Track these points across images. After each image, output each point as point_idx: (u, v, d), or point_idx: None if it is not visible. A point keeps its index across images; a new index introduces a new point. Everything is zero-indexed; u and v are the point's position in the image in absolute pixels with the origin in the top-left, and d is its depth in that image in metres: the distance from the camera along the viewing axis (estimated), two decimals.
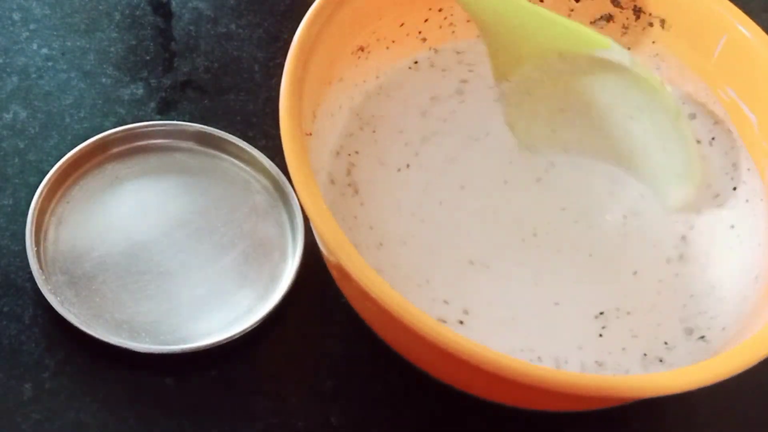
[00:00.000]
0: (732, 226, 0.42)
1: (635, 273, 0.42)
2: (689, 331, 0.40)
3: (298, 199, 0.35)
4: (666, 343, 0.40)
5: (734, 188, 0.43)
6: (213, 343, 0.39)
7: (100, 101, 0.47)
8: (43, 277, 0.40)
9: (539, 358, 0.39)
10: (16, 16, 0.49)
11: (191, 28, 0.50)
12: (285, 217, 0.44)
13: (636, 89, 0.41)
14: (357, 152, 0.43)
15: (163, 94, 0.48)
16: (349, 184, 0.42)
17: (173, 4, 0.51)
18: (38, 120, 0.46)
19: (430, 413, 0.40)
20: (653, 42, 0.45)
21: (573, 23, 0.41)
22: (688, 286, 0.42)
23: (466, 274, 0.41)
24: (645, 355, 0.39)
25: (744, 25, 0.43)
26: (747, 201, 0.42)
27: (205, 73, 0.49)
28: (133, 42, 0.49)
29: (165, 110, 0.47)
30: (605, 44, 0.41)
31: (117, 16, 0.50)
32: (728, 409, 0.42)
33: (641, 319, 0.41)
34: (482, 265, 0.41)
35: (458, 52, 0.46)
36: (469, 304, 0.40)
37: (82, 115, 0.46)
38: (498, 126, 0.44)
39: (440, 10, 0.45)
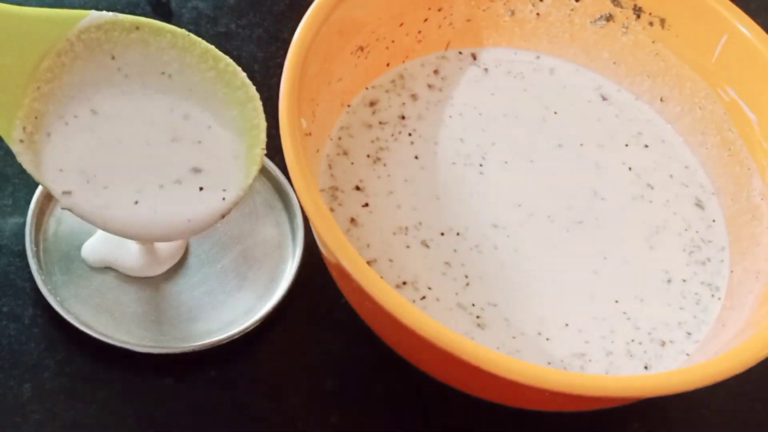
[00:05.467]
0: None
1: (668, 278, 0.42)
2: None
3: (298, 199, 0.35)
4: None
5: None
6: (213, 343, 0.39)
7: None
8: (43, 277, 0.40)
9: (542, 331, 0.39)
10: None
11: (191, 28, 0.50)
12: (285, 217, 0.44)
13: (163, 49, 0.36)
14: (357, 152, 0.43)
15: None
16: (354, 186, 0.42)
17: (173, 4, 0.51)
18: None
19: (430, 413, 0.40)
20: (653, 42, 0.45)
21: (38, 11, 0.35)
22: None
23: (466, 272, 0.41)
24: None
25: (744, 25, 0.43)
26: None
27: None
28: None
29: None
30: (84, 13, 0.35)
31: None
32: (728, 409, 0.42)
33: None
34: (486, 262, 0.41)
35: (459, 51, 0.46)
36: (480, 302, 0.40)
37: None
38: None
39: (440, 10, 0.45)
